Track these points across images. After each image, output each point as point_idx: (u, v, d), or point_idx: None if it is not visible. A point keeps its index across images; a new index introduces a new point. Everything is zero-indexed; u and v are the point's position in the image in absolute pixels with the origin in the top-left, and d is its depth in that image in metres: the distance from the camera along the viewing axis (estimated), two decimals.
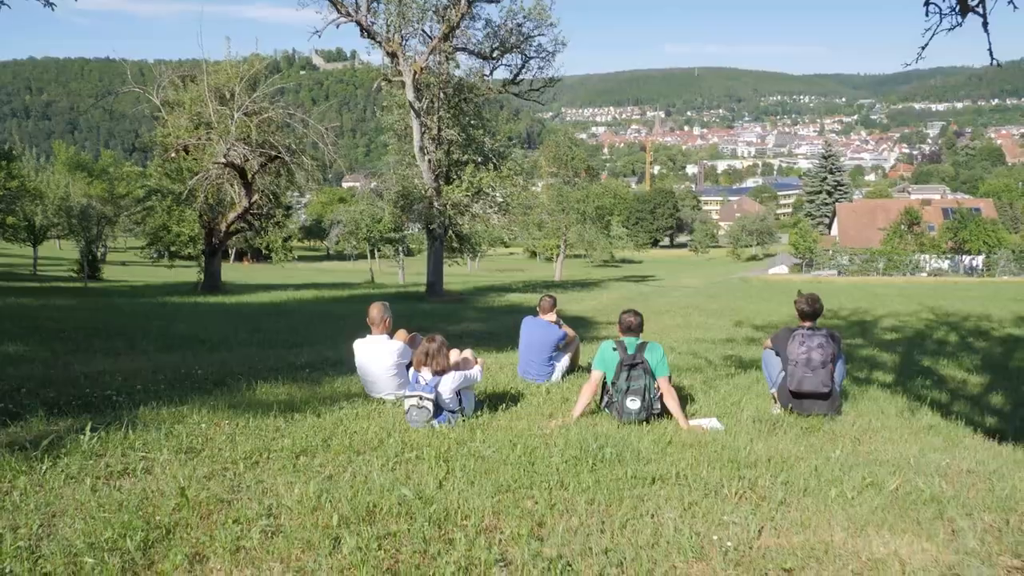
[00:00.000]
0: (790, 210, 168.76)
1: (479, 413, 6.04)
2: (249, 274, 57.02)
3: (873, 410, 6.66)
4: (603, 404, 6.35)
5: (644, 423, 5.99)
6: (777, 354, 6.75)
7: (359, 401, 6.40)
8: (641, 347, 6.24)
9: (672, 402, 6.09)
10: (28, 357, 7.84)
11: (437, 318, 16.18)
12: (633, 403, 6.02)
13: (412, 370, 6.05)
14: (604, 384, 6.38)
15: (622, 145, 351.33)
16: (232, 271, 55.84)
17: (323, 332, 12.65)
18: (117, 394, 6.17)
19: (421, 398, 5.65)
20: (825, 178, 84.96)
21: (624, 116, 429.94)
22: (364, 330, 6.58)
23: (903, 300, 25.35)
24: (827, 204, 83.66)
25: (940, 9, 6.10)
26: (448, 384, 5.75)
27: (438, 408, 5.69)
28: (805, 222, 72.60)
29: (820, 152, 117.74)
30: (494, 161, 24.33)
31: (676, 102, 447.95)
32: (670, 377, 6.25)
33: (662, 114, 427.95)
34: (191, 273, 30.05)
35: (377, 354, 6.51)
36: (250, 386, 6.83)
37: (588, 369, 9.05)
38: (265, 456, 4.51)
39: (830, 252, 66.40)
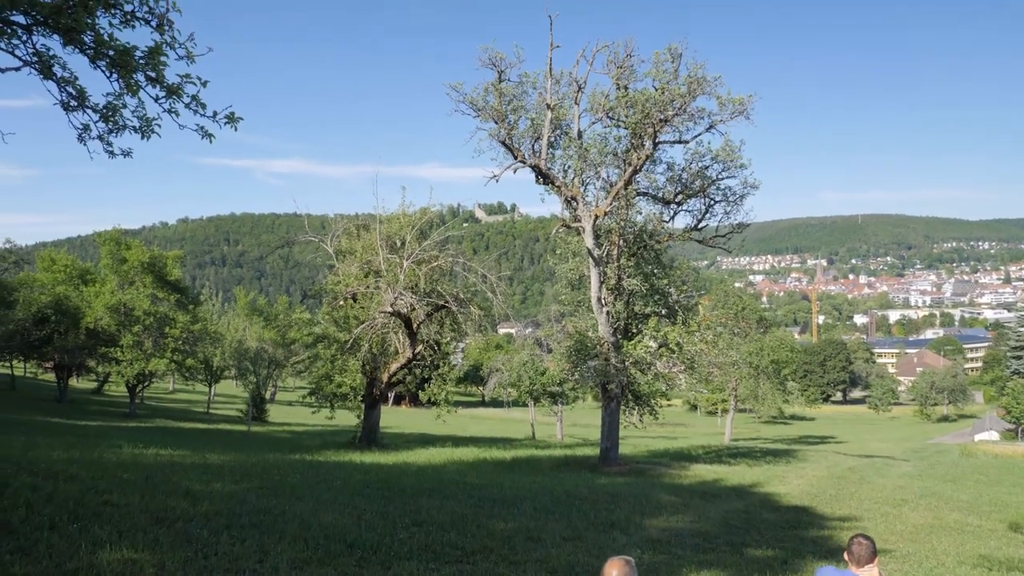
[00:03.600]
0: (979, 364, 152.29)
1: None
2: (407, 420, 56.33)
3: None
4: None
5: None
6: None
7: None
8: None
9: None
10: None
11: (627, 504, 13.23)
12: None
13: None
14: None
15: (781, 294, 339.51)
16: (391, 415, 55.37)
17: (495, 526, 10.18)
18: None
19: None
20: None
21: (783, 264, 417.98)
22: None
23: None
24: None
25: None
26: None
27: None
28: (1017, 381, 63.38)
29: (1016, 302, 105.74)
30: (682, 314, 21.73)
31: (839, 250, 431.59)
32: None
33: (824, 262, 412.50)
34: (350, 416, 29.09)
35: None
36: None
37: None
38: None
39: None
